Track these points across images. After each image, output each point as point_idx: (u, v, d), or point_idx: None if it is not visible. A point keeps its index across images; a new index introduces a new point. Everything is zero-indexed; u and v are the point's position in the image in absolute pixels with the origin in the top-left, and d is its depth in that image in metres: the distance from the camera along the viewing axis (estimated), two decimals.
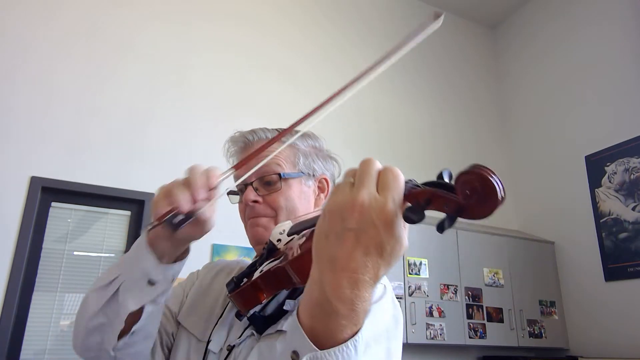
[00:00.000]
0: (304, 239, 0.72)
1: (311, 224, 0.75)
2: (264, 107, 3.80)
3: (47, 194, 3.02)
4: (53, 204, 3.05)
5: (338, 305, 0.47)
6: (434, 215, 0.48)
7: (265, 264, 0.77)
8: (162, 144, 3.39)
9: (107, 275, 0.77)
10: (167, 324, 0.91)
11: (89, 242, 3.11)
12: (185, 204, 0.66)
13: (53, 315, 2.89)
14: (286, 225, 0.80)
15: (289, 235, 0.79)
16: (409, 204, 0.48)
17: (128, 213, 3.24)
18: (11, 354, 2.70)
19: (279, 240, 0.81)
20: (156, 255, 0.72)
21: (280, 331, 0.77)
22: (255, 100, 3.81)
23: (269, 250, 0.80)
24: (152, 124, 3.41)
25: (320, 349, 0.48)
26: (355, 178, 0.49)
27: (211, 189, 0.68)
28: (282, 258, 0.73)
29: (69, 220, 3.10)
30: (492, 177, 0.43)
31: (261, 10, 4.12)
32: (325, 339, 0.48)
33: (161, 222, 0.67)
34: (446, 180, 0.48)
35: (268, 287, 0.72)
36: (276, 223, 0.89)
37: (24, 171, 2.95)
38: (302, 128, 0.74)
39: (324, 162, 0.98)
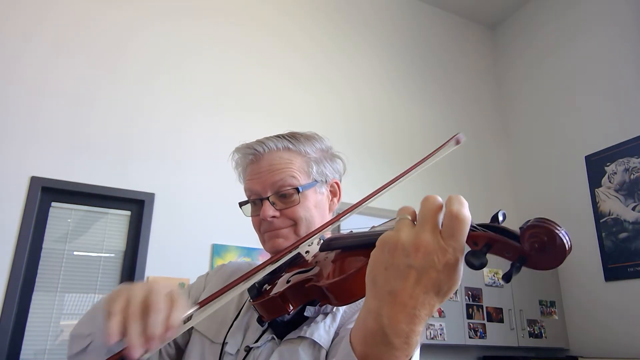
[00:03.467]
0: (337, 257, 0.71)
1: (342, 244, 0.74)
2: (264, 106, 3.80)
3: (47, 194, 3.02)
4: (53, 204, 3.05)
5: (394, 338, 0.48)
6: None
7: (293, 273, 0.76)
8: (162, 143, 3.39)
9: (83, 326, 0.79)
10: None
11: (89, 242, 3.11)
12: (136, 352, 0.58)
13: (53, 315, 2.89)
14: (315, 238, 0.79)
15: (321, 250, 0.78)
16: (468, 248, 0.48)
17: (128, 213, 3.24)
18: (11, 354, 2.70)
19: (307, 252, 0.81)
20: None
21: (302, 337, 0.77)
22: (256, 99, 3.81)
23: (294, 257, 0.79)
24: (152, 124, 3.41)
25: None
26: (415, 214, 0.50)
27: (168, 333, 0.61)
28: (313, 273, 0.72)
29: (69, 220, 3.10)
30: (558, 230, 0.43)
31: (261, 10, 4.12)
32: None
33: None
34: (500, 219, 0.49)
35: (297, 299, 0.72)
36: (296, 232, 0.89)
37: (24, 171, 2.95)
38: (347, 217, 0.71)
39: (332, 164, 0.98)
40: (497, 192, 4.74)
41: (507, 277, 0.45)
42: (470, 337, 3.57)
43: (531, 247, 0.44)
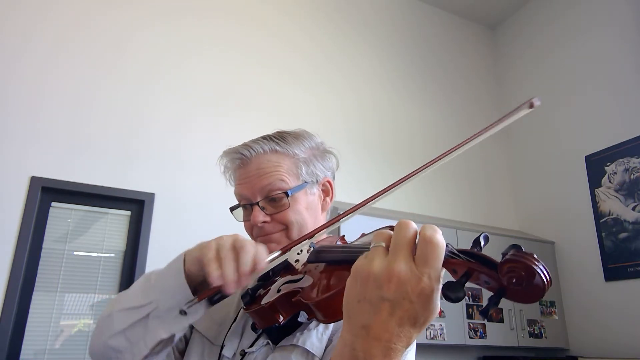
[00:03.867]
0: (326, 271, 0.72)
1: (330, 258, 0.74)
2: (264, 106, 3.80)
3: (47, 194, 3.02)
4: (53, 204, 3.05)
5: None
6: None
7: (284, 281, 0.77)
8: (162, 143, 3.39)
9: (136, 298, 0.77)
10: None
11: (89, 242, 3.11)
12: (231, 287, 0.68)
13: (53, 315, 2.89)
14: (304, 245, 0.79)
15: (308, 261, 0.79)
16: (446, 280, 0.47)
17: (128, 213, 3.24)
18: (11, 354, 2.70)
19: (297, 261, 0.81)
20: (192, 289, 0.74)
21: (294, 345, 0.77)
22: (256, 99, 3.81)
23: (285, 267, 0.80)
24: (152, 124, 3.41)
25: None
26: (390, 244, 0.48)
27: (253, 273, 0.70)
28: (301, 284, 0.72)
29: (69, 220, 3.10)
30: (536, 265, 0.42)
31: (261, 10, 4.12)
32: None
33: (204, 298, 0.70)
34: (482, 244, 0.48)
35: (286, 310, 0.72)
36: (288, 237, 0.88)
37: (24, 171, 2.95)
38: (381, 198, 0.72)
39: (323, 162, 0.96)
40: (497, 192, 4.74)
41: (484, 313, 0.45)
42: (470, 337, 3.57)
43: (509, 281, 0.43)
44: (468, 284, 0.46)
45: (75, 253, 3.06)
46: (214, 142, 3.44)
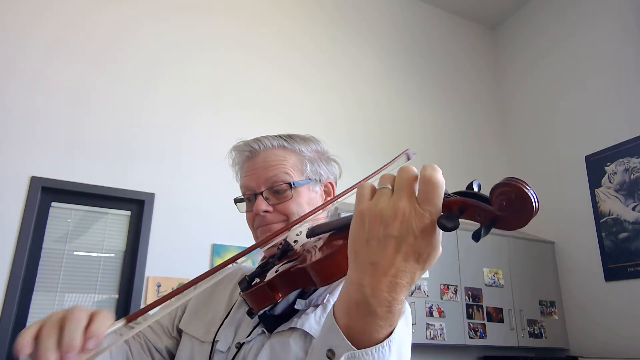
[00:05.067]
0: (323, 242, 0.74)
1: (328, 228, 0.76)
2: (264, 106, 3.80)
3: (47, 194, 3.02)
4: (53, 204, 3.05)
5: (376, 307, 0.49)
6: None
7: (281, 264, 0.77)
8: (162, 144, 3.39)
9: None
10: (157, 340, 0.92)
11: (89, 242, 3.11)
12: None
13: None
14: (303, 227, 0.81)
15: (307, 237, 0.80)
16: (441, 213, 0.49)
17: (128, 213, 3.24)
18: (11, 354, 2.70)
19: (296, 241, 0.82)
20: None
21: (292, 329, 0.77)
22: (256, 99, 3.81)
23: (283, 251, 0.81)
24: (152, 124, 3.41)
25: (357, 349, 0.50)
26: (393, 185, 0.51)
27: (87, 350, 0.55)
28: (299, 259, 0.73)
29: (69, 220, 3.10)
30: (527, 188, 0.44)
31: (261, 9, 4.12)
32: (361, 339, 0.50)
33: None
34: (475, 189, 0.50)
35: (285, 286, 0.73)
36: None
37: (24, 171, 2.95)
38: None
39: (327, 166, 1.00)
40: None
41: (476, 236, 0.46)
42: (470, 337, 3.57)
43: (500, 205, 0.45)
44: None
45: (75, 253, 3.06)
46: (213, 142, 3.44)
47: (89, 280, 3.03)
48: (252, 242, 0.94)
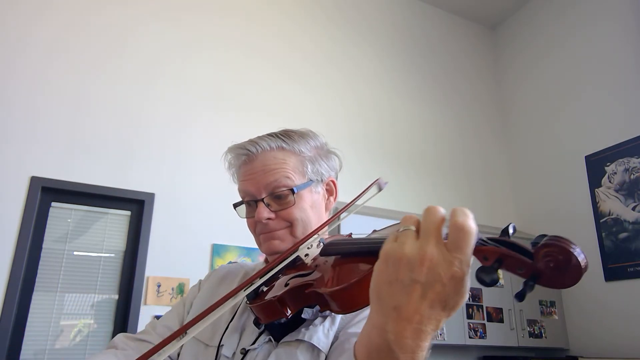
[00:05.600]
0: (338, 264, 0.70)
1: (343, 250, 0.73)
2: (264, 106, 3.80)
3: (47, 194, 3.02)
4: (53, 204, 3.05)
5: (399, 353, 0.47)
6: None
7: (291, 276, 0.75)
8: (162, 143, 3.39)
9: None
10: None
11: (89, 242, 3.11)
12: None
13: (53, 315, 2.89)
14: (314, 240, 0.78)
15: (320, 254, 0.77)
16: (479, 263, 0.47)
17: (128, 213, 3.23)
18: (11, 354, 2.70)
19: (307, 255, 0.79)
20: None
21: (299, 340, 0.75)
22: (256, 99, 3.81)
23: (292, 261, 0.78)
24: (152, 124, 3.41)
25: None
26: (419, 227, 0.49)
27: None
28: (312, 277, 0.71)
29: (69, 220, 3.10)
30: (574, 249, 0.43)
31: (261, 9, 4.12)
32: None
33: None
34: (511, 232, 0.48)
35: (296, 303, 0.71)
36: (292, 234, 0.87)
37: (24, 171, 2.95)
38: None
39: (327, 161, 0.96)
40: (497, 192, 4.74)
41: (520, 296, 0.44)
42: (470, 337, 3.57)
43: (546, 266, 0.44)
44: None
45: (75, 253, 3.06)
46: (214, 141, 3.44)
47: (89, 280, 3.03)
48: (253, 242, 0.93)
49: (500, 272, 0.46)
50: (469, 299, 3.67)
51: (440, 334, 3.46)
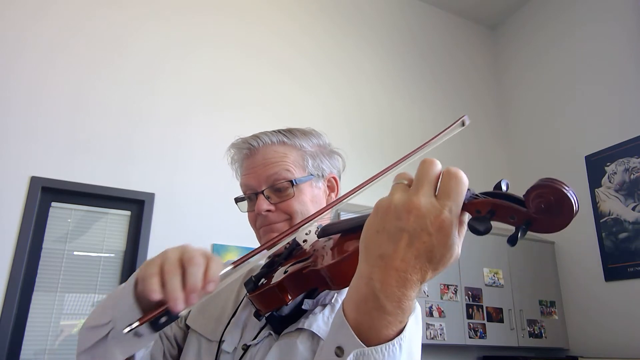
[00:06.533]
0: (335, 242, 0.70)
1: (341, 227, 0.74)
2: (264, 105, 3.80)
3: (47, 194, 3.01)
4: (53, 204, 3.05)
5: (385, 301, 0.47)
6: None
7: (290, 264, 0.75)
8: (162, 143, 3.39)
9: (99, 316, 0.74)
10: (167, 328, 0.90)
11: (89, 242, 3.11)
12: (177, 306, 0.57)
13: (53, 315, 2.89)
14: (312, 226, 0.78)
15: (318, 237, 0.77)
16: (469, 215, 0.47)
17: (128, 213, 3.23)
18: (11, 354, 2.70)
19: (305, 241, 0.80)
20: (142, 310, 0.67)
21: (300, 329, 0.75)
22: (256, 98, 3.81)
23: (291, 250, 0.79)
24: (152, 124, 3.41)
25: (366, 346, 0.48)
26: (412, 180, 0.49)
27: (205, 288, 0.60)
28: (311, 260, 0.71)
29: (69, 220, 3.10)
30: (566, 190, 0.42)
31: (261, 8, 4.12)
32: (370, 336, 0.49)
33: (145, 322, 0.59)
34: (504, 189, 0.47)
35: (295, 288, 0.71)
36: (291, 227, 0.87)
37: (24, 171, 2.95)
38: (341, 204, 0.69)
39: (330, 159, 0.96)
40: None
41: (512, 240, 0.44)
42: (470, 337, 3.57)
43: (537, 208, 0.43)
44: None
45: (75, 253, 3.06)
46: (213, 141, 3.44)
47: (89, 280, 3.03)
48: (254, 241, 0.93)
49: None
50: (469, 298, 3.67)
51: (440, 334, 3.46)
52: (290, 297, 0.71)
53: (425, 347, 3.53)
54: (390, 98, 4.49)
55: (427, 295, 3.51)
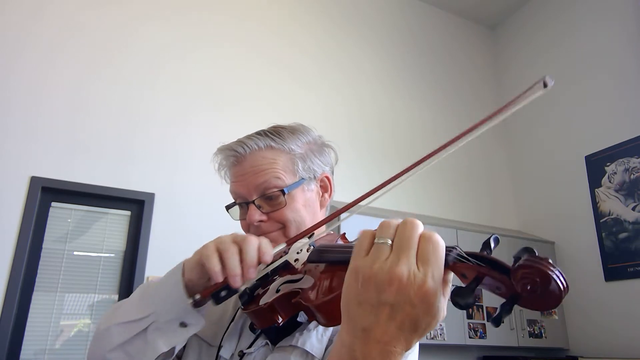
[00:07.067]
0: (328, 273, 0.69)
1: (331, 258, 0.71)
2: (264, 105, 3.80)
3: (47, 194, 3.01)
4: (53, 204, 3.05)
5: None
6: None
7: (283, 281, 0.75)
8: (161, 143, 3.39)
9: (135, 310, 0.74)
10: None
11: (89, 242, 3.11)
12: (237, 281, 0.65)
13: (53, 315, 2.89)
14: (304, 244, 0.77)
15: (309, 260, 0.76)
16: (453, 285, 0.45)
17: (128, 213, 3.23)
18: (11, 354, 2.70)
19: (297, 260, 0.78)
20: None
21: (293, 346, 0.75)
22: (256, 98, 3.81)
23: (285, 266, 0.78)
24: (152, 124, 3.41)
25: None
26: (394, 242, 0.47)
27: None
28: (300, 285, 0.71)
29: (69, 220, 3.10)
30: (553, 273, 0.40)
31: (261, 8, 4.12)
32: None
33: (208, 294, 0.66)
34: (492, 246, 0.45)
35: (286, 311, 0.71)
36: (286, 235, 0.86)
37: (24, 171, 2.95)
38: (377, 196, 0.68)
39: (321, 156, 0.93)
40: (497, 192, 4.74)
41: (496, 321, 0.42)
42: (470, 337, 3.57)
43: (523, 288, 0.41)
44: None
45: (75, 253, 3.06)
46: (213, 141, 3.41)
47: (89, 280, 3.03)
48: None
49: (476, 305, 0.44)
50: None
51: (440, 334, 3.46)
52: (281, 318, 0.71)
53: (425, 347, 3.54)
54: (390, 98, 4.49)
55: None
